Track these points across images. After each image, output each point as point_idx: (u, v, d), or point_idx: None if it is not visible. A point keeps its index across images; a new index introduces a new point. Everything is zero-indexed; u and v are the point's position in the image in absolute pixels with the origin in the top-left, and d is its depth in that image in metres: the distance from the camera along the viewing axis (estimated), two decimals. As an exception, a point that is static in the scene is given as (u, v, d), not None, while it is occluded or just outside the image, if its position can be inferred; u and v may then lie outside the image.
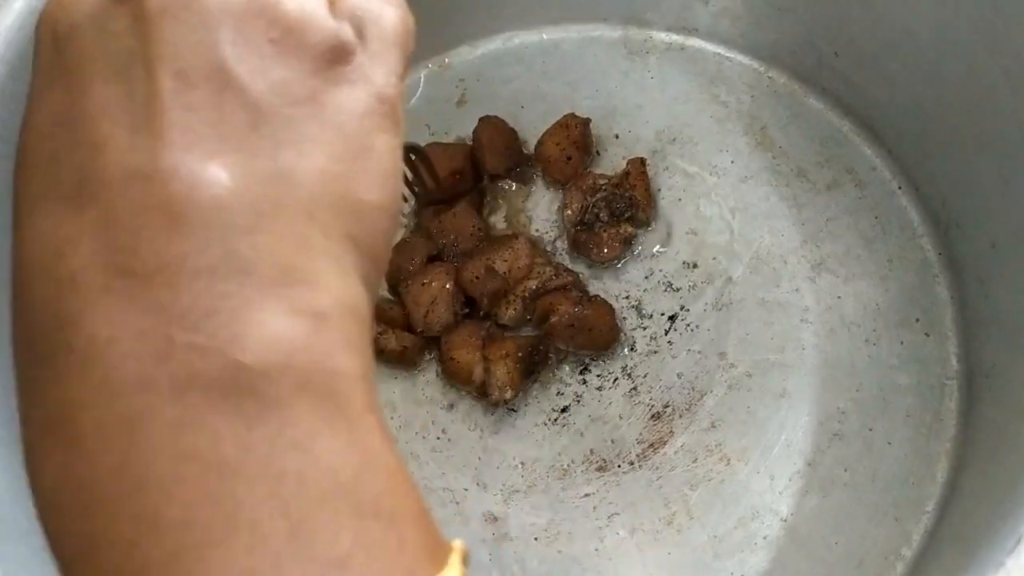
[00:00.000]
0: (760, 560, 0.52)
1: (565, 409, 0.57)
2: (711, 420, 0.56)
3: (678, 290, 0.59)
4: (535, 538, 0.54)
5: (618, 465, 0.55)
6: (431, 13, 0.64)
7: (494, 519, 0.55)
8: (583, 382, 0.57)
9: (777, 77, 0.62)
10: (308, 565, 0.20)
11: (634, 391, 0.57)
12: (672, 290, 0.59)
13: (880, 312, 0.56)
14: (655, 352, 0.57)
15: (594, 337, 0.57)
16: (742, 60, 0.63)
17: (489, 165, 0.61)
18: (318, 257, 0.23)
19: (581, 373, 0.58)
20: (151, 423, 0.21)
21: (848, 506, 0.52)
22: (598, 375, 0.57)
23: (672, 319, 0.58)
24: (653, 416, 0.56)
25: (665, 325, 0.58)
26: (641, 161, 0.60)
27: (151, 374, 0.21)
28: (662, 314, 0.58)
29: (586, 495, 0.55)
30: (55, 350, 0.21)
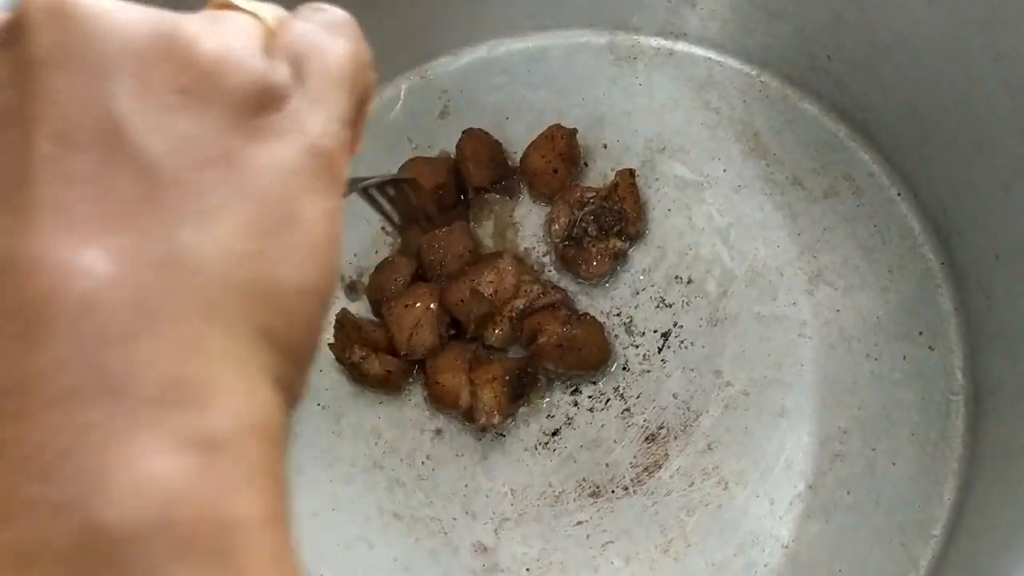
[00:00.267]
0: (761, 588, 0.51)
1: (556, 433, 0.56)
2: (707, 441, 0.54)
3: (671, 306, 0.57)
4: (527, 569, 0.53)
5: (612, 490, 0.54)
6: (411, 22, 0.63)
7: (484, 549, 0.54)
8: (574, 404, 0.56)
9: (769, 81, 0.61)
10: None
11: (627, 412, 0.55)
12: (664, 306, 0.57)
13: (881, 325, 0.55)
14: (648, 371, 0.56)
15: (584, 357, 0.55)
16: (733, 64, 0.62)
17: (473, 178, 0.60)
18: (215, 364, 0.19)
19: (572, 395, 0.56)
20: None
21: (852, 530, 0.51)
22: (589, 396, 0.56)
23: (665, 336, 0.56)
24: (647, 438, 0.55)
25: (658, 343, 0.56)
26: (630, 172, 0.58)
27: None
28: (655, 331, 0.57)
29: (579, 523, 0.54)
30: None
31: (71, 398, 0.18)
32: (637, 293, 0.58)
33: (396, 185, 0.53)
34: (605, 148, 0.61)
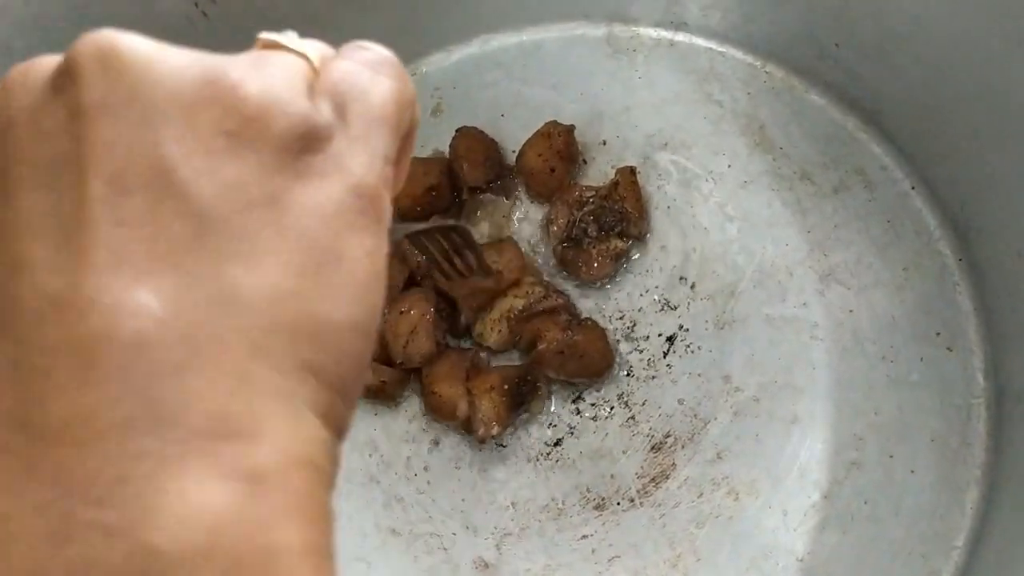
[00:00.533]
0: (775, 605, 0.50)
1: (558, 443, 0.54)
2: (716, 450, 0.53)
3: (675, 308, 0.56)
4: (530, 586, 0.52)
5: (617, 503, 0.53)
6: (401, 18, 0.62)
7: (485, 566, 0.53)
8: (576, 412, 0.55)
9: (775, 72, 0.59)
10: None
11: (632, 421, 0.54)
12: (669, 308, 0.56)
13: (897, 326, 0.54)
14: (653, 377, 0.55)
15: (586, 364, 0.54)
16: (736, 55, 0.60)
17: (468, 178, 0.58)
18: (262, 399, 0.20)
19: (574, 403, 0.55)
20: None
21: (869, 542, 0.50)
22: (592, 404, 0.55)
23: (670, 340, 0.55)
24: (653, 447, 0.53)
25: (663, 347, 0.55)
26: (631, 170, 0.57)
27: (44, 564, 0.18)
28: (659, 335, 0.55)
29: (584, 537, 0.52)
30: None
31: (125, 429, 0.19)
32: (640, 296, 0.56)
33: (445, 232, 0.51)
34: (604, 145, 0.59)
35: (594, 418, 0.54)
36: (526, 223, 0.58)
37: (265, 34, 0.24)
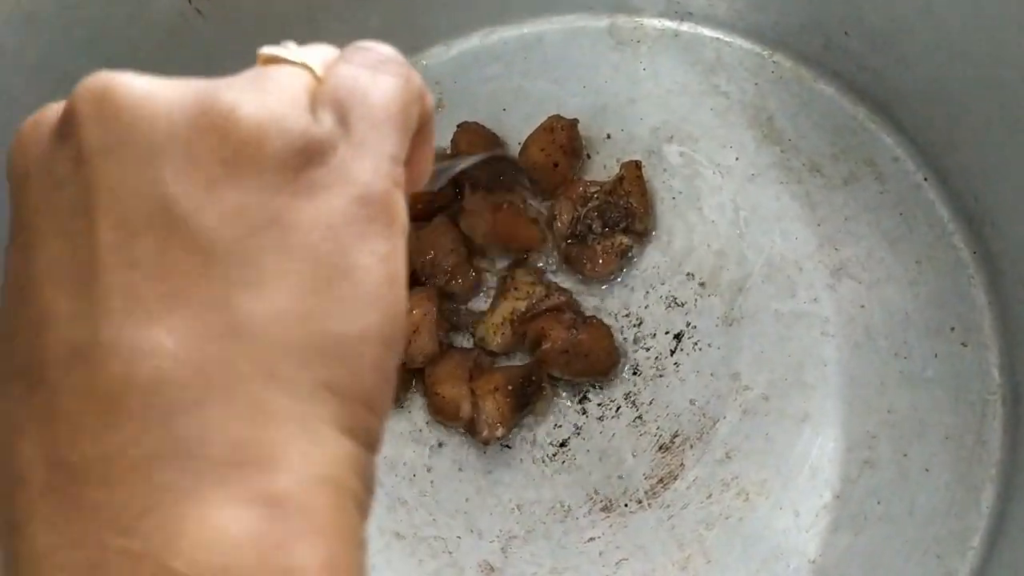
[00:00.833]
0: (787, 608, 0.50)
1: (564, 444, 0.54)
2: (726, 450, 0.52)
3: (683, 305, 0.55)
4: (537, 589, 0.52)
5: (625, 504, 0.52)
6: (399, 11, 0.61)
7: (491, 569, 0.52)
8: (582, 412, 0.54)
9: (782, 62, 0.59)
10: None
11: (639, 420, 0.53)
12: (676, 305, 0.55)
13: (910, 321, 0.53)
14: (660, 376, 0.54)
15: (592, 363, 0.53)
16: (743, 45, 0.59)
17: (469, 175, 0.57)
18: (278, 424, 0.21)
19: (580, 403, 0.54)
20: None
21: (883, 543, 0.49)
22: (599, 404, 0.54)
23: (678, 338, 0.54)
24: (661, 448, 0.53)
25: (670, 345, 0.54)
26: (636, 164, 0.56)
27: None
28: (666, 333, 0.54)
29: (591, 539, 0.52)
30: (8, 560, 0.21)
31: (149, 464, 0.20)
32: (646, 293, 0.55)
33: (495, 160, 0.52)
34: (608, 139, 0.59)
35: (600, 418, 0.54)
36: (530, 219, 0.58)
37: (265, 49, 0.24)
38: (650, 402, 0.53)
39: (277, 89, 0.22)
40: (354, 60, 0.24)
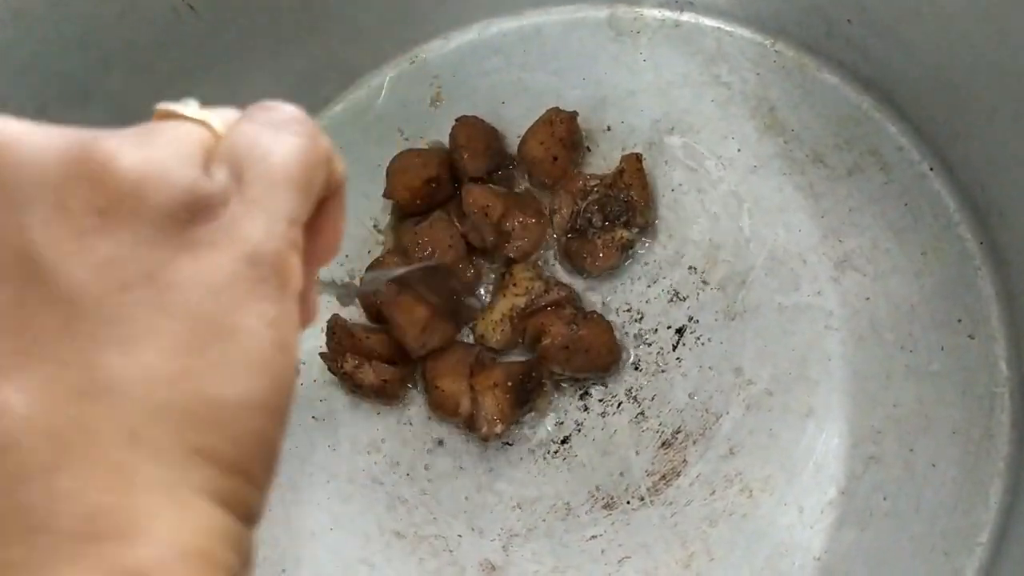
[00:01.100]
0: (792, 605, 0.49)
1: (565, 440, 0.53)
2: (729, 446, 0.52)
3: (685, 299, 0.54)
4: (538, 588, 0.51)
5: (627, 501, 0.52)
6: (397, 5, 0.60)
7: (492, 568, 0.52)
8: (583, 409, 0.53)
9: (784, 51, 0.58)
10: None
11: (641, 416, 0.53)
12: (678, 299, 0.54)
13: (915, 313, 0.52)
14: (662, 371, 0.53)
15: (592, 358, 0.52)
16: (744, 34, 0.58)
17: (468, 169, 0.57)
18: (142, 492, 0.19)
19: (581, 399, 0.54)
20: None
21: (889, 540, 0.49)
22: (600, 400, 0.53)
23: (680, 332, 0.54)
24: (664, 444, 0.52)
25: (672, 340, 0.54)
26: (636, 157, 0.55)
27: None
28: (668, 327, 0.54)
29: (593, 537, 0.51)
30: None
31: None
32: (648, 287, 0.55)
33: (430, 272, 0.51)
34: (608, 131, 0.58)
35: (602, 414, 0.53)
36: (529, 214, 0.57)
37: (161, 104, 0.23)
38: (652, 398, 0.53)
39: (165, 142, 0.21)
40: (256, 119, 0.23)
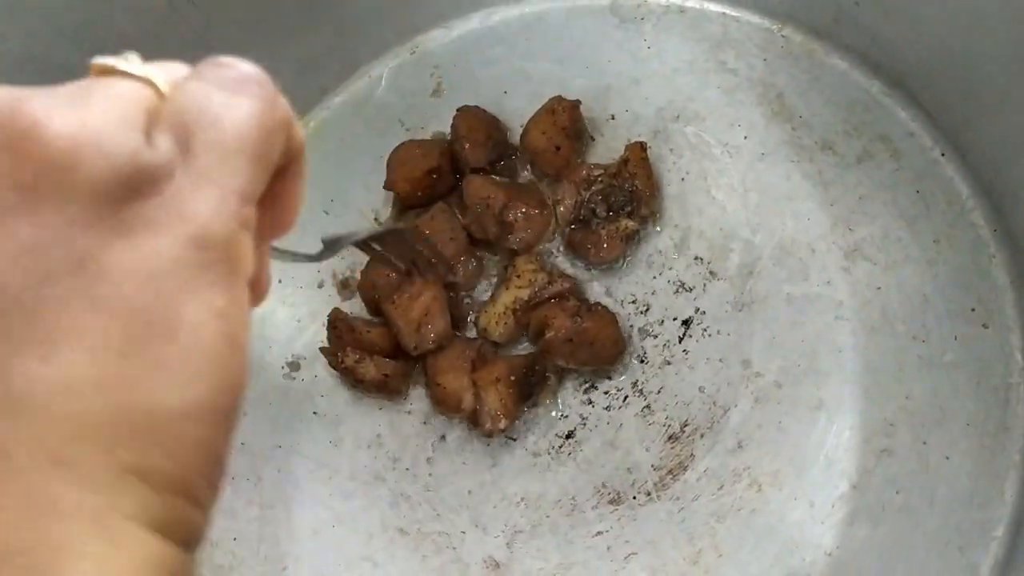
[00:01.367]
0: (802, 603, 0.48)
1: (570, 435, 0.52)
2: (737, 439, 0.51)
3: (691, 290, 0.53)
4: (543, 585, 0.51)
5: (633, 497, 0.51)
6: None
7: (496, 565, 0.51)
8: (589, 403, 0.53)
9: (792, 36, 0.57)
10: None
11: (647, 410, 0.52)
12: (684, 290, 0.53)
13: (928, 303, 0.51)
14: (669, 363, 0.52)
15: (597, 351, 0.51)
16: (750, 19, 0.57)
17: (470, 160, 0.56)
18: (65, 521, 0.17)
19: (585, 393, 0.53)
20: None
21: (903, 535, 0.48)
22: (605, 394, 0.53)
23: (686, 324, 0.53)
24: (670, 438, 0.51)
25: (679, 331, 0.53)
26: (641, 146, 0.54)
27: None
28: (674, 319, 0.53)
29: (599, 533, 0.51)
30: None
31: None
32: (653, 278, 0.54)
33: (394, 236, 0.49)
34: (612, 120, 0.57)
35: (607, 408, 0.52)
36: (532, 205, 0.56)
37: (98, 58, 0.20)
38: (658, 391, 0.52)
39: (104, 103, 0.18)
40: (207, 77, 0.20)
